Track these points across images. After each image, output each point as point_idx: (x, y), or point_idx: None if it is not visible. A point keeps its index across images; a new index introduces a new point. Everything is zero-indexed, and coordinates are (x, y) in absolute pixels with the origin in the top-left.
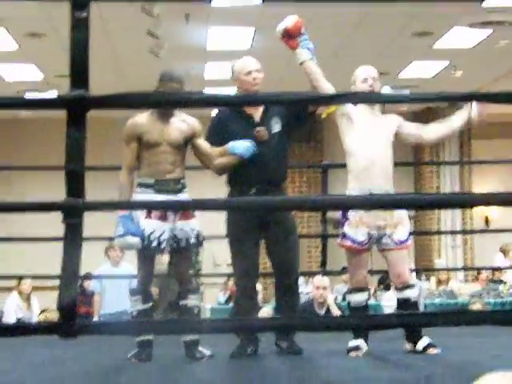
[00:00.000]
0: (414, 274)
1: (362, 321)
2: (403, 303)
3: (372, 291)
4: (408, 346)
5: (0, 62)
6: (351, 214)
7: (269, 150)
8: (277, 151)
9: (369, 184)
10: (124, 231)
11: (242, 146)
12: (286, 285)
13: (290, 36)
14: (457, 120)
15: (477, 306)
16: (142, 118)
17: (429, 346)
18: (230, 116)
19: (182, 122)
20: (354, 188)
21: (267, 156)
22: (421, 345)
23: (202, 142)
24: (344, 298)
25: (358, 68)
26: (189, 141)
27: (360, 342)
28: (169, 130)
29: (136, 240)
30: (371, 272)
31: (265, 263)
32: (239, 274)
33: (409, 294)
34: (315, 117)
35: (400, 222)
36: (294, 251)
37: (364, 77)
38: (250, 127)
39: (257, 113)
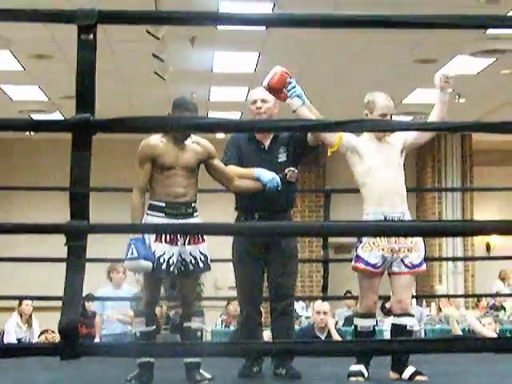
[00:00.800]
0: (414, 300)
1: (363, 346)
2: (398, 330)
3: None
4: (393, 375)
5: (5, 83)
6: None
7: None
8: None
9: (384, 208)
10: (137, 254)
11: (269, 177)
12: (281, 308)
13: (275, 91)
14: (438, 105)
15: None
16: (157, 140)
17: (415, 373)
18: (244, 140)
19: (196, 145)
20: (368, 213)
21: None
22: (407, 374)
23: (219, 163)
24: (346, 323)
25: (376, 95)
26: (202, 163)
27: (361, 367)
28: (183, 153)
29: (148, 264)
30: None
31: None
32: (243, 297)
33: (406, 321)
34: (320, 147)
35: (414, 247)
36: (292, 277)
37: (383, 112)
38: (260, 153)
39: (266, 140)
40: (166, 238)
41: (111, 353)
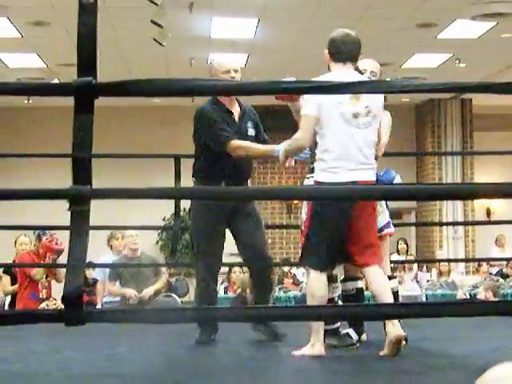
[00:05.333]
0: (415, 266)
1: (356, 310)
2: None
3: None
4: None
5: (2, 51)
6: None
7: None
8: None
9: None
10: None
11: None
12: (262, 271)
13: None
14: None
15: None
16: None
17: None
18: (215, 109)
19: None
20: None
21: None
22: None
23: None
24: None
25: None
26: None
27: (350, 330)
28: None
29: None
30: None
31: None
32: (205, 267)
33: None
34: None
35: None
36: (264, 238)
37: (364, 67)
38: (231, 122)
39: (235, 111)
40: None
41: (115, 319)
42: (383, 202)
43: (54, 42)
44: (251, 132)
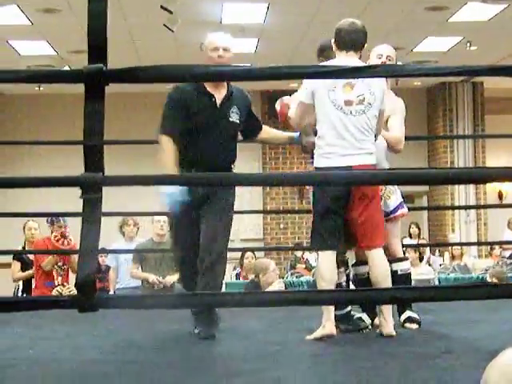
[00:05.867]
0: (427, 249)
1: (369, 294)
2: (392, 276)
3: None
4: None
5: (13, 39)
6: None
7: (223, 136)
8: (229, 140)
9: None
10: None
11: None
12: (208, 263)
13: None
14: None
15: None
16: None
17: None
18: (192, 93)
19: None
20: None
21: (220, 142)
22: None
23: None
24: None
25: (376, 46)
26: None
27: (363, 315)
28: None
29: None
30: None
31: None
32: (182, 257)
33: (396, 267)
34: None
35: (384, 195)
36: (224, 232)
37: (379, 53)
38: (212, 109)
39: (218, 95)
40: None
41: (129, 305)
42: None
43: (64, 29)
44: (234, 118)
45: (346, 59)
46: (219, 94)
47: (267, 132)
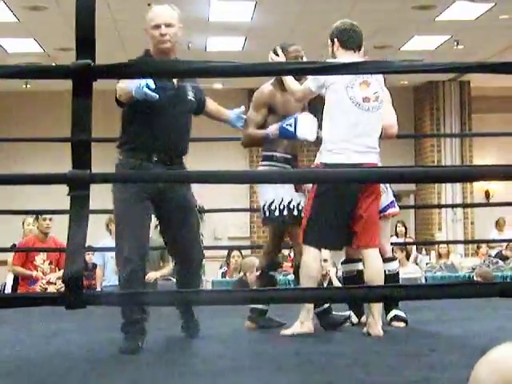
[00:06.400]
0: (414, 248)
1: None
2: None
3: None
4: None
5: (1, 36)
6: None
7: (180, 115)
8: (186, 119)
9: None
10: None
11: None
12: (188, 272)
13: None
14: None
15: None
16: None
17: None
18: None
19: None
20: None
21: (179, 124)
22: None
23: None
24: None
25: None
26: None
27: (350, 312)
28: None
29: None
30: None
31: None
32: (129, 252)
33: (384, 267)
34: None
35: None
36: (193, 232)
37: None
38: (170, 86)
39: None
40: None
41: (116, 302)
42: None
43: (51, 27)
44: (190, 95)
45: (350, 58)
46: None
47: (211, 103)
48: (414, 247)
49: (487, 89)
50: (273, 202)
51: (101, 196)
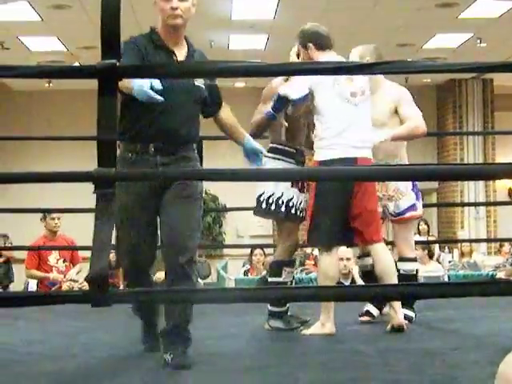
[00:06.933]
0: (436, 246)
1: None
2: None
3: None
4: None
5: (23, 35)
6: None
7: (187, 103)
8: (193, 109)
9: None
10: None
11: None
12: (179, 268)
13: None
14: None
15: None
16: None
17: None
18: (149, 48)
19: None
20: None
21: (183, 110)
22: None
23: None
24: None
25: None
26: None
27: (370, 307)
28: None
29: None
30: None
31: None
32: (129, 262)
33: (399, 266)
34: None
35: (395, 195)
36: (191, 224)
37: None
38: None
39: (180, 52)
40: (298, 183)
41: (141, 300)
42: (408, 185)
43: (74, 26)
44: (199, 81)
45: (332, 57)
46: (180, 51)
47: (227, 113)
48: (437, 245)
49: (510, 87)
50: (271, 196)
51: None
